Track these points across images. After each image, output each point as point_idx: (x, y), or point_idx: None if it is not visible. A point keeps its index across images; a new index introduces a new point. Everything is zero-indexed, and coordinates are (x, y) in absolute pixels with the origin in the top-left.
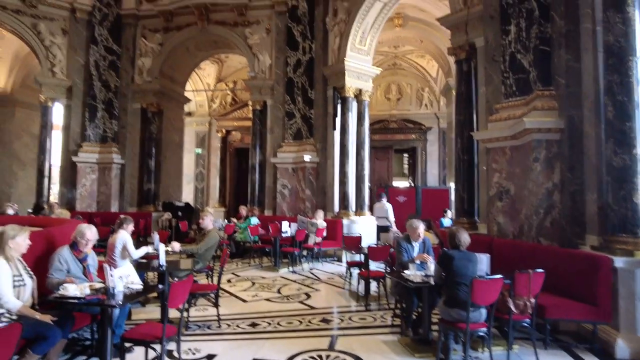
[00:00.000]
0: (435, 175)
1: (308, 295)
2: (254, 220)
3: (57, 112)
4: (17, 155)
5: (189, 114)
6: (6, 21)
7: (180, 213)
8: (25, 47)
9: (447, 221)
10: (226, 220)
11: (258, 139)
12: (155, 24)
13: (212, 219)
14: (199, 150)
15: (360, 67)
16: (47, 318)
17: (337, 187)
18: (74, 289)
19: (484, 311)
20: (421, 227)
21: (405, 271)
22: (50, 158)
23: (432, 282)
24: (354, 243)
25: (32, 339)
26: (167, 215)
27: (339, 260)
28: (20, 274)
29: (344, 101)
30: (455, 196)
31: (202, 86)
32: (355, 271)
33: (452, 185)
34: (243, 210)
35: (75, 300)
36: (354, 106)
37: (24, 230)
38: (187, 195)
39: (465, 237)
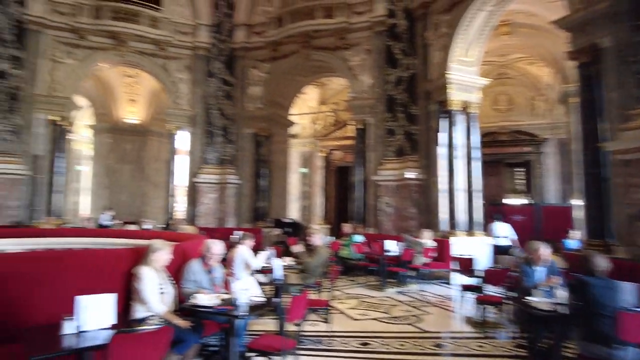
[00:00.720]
0: (555, 191)
1: (418, 318)
2: (358, 238)
3: (182, 139)
4: (150, 178)
5: (294, 136)
6: (144, 64)
7: (288, 229)
8: (157, 84)
9: (571, 242)
10: (333, 237)
11: (360, 157)
12: (263, 55)
13: (321, 236)
14: (304, 170)
15: (465, 79)
16: (185, 324)
17: (444, 204)
18: (205, 299)
19: (634, 350)
20: (543, 249)
21: (529, 297)
22: (175, 180)
23: (563, 311)
24: (465, 265)
25: (174, 341)
26: (277, 231)
27: (448, 282)
28: (164, 283)
29: (449, 115)
30: (585, 215)
31: (305, 109)
32: (469, 295)
33: (575, 202)
34: (346, 227)
35: (207, 309)
36: (460, 119)
37: (166, 246)
38: (293, 212)
39: (602, 262)
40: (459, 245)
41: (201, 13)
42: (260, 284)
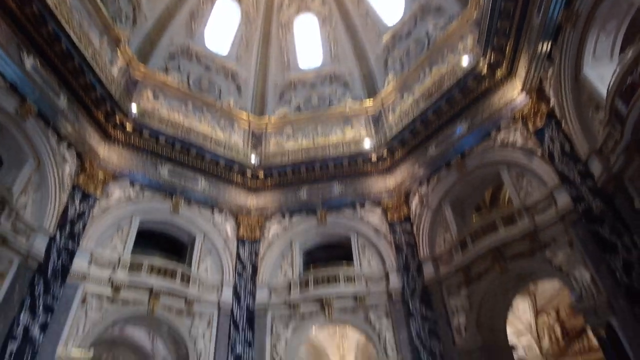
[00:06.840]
0: None
1: None
2: None
3: None
4: None
5: None
6: (347, 319)
7: None
8: (363, 337)
9: None
10: None
11: None
12: (457, 281)
13: None
14: None
15: None
16: None
17: None
18: None
19: None
20: None
21: None
22: None
23: None
24: None
25: None
26: None
27: None
28: None
29: None
30: None
31: (521, 326)
32: None
33: None
34: None
35: None
36: None
37: None
38: None
39: None
40: None
41: (388, 260)
42: None
